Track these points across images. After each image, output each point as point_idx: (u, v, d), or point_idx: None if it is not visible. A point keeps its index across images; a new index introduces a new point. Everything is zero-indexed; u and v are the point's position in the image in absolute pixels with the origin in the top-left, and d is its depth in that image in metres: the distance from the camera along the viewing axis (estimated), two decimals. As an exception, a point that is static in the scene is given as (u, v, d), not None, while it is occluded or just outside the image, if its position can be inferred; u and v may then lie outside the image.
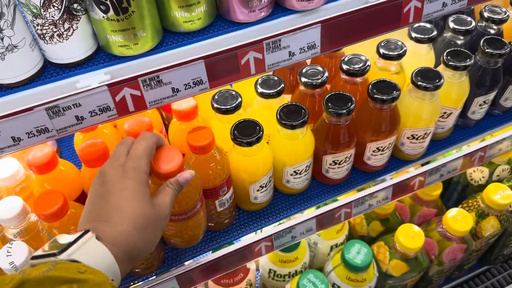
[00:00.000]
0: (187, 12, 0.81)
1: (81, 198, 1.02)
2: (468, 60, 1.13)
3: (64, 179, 0.95)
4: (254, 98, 1.20)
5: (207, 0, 0.82)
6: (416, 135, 1.18)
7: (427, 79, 1.09)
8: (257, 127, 1.01)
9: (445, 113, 1.23)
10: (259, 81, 1.14)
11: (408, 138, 1.20)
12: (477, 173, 1.81)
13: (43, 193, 0.86)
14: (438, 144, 1.36)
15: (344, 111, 1.02)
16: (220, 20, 0.89)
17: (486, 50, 1.17)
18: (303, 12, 0.90)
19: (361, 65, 1.13)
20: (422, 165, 1.32)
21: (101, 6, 0.72)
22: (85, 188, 0.99)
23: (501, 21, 1.26)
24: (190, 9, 0.81)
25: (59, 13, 0.71)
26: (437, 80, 1.08)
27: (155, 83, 0.80)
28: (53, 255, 0.64)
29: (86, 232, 0.67)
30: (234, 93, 1.10)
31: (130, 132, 0.99)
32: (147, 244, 0.74)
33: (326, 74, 1.13)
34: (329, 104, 1.04)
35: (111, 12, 0.72)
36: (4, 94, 0.76)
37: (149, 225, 0.73)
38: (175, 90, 0.83)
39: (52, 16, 0.71)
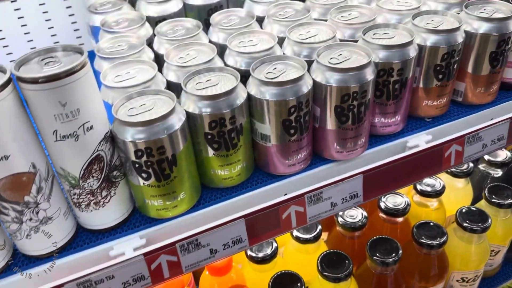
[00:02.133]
0: (227, 170, 0.79)
1: None
2: (511, 197, 1.09)
3: None
4: (288, 237, 1.13)
5: (246, 157, 0.80)
6: (466, 277, 1.09)
7: (473, 221, 1.03)
8: (298, 283, 0.93)
9: (492, 250, 1.15)
10: (293, 223, 1.08)
11: (457, 281, 1.11)
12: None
13: None
14: (486, 281, 1.25)
15: (391, 260, 0.95)
16: (258, 172, 0.86)
17: (530, 185, 1.13)
18: (342, 160, 0.88)
19: (401, 205, 1.08)
20: (473, 307, 1.20)
21: (142, 174, 0.69)
22: None
23: (536, 152, 1.24)
24: (230, 167, 0.79)
25: (98, 182, 0.69)
26: (484, 222, 1.02)
27: (193, 246, 0.74)
28: None
29: None
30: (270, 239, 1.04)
31: (160, 290, 0.92)
32: None
33: (365, 214, 1.08)
34: (374, 252, 0.97)
35: (153, 179, 0.70)
36: (34, 265, 0.71)
37: None
38: (213, 251, 0.77)
39: (90, 186, 0.68)
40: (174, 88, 0.80)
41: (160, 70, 0.82)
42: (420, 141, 0.92)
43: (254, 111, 0.77)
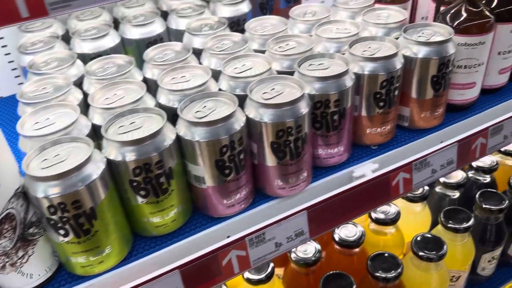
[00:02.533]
0: (159, 217, 0.74)
1: None
2: (467, 221, 1.06)
3: None
4: (241, 278, 1.08)
5: (181, 201, 0.75)
6: (428, 307, 1.06)
7: (428, 249, 1.00)
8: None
9: (453, 276, 1.12)
10: (247, 261, 1.03)
11: (419, 311, 1.07)
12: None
13: None
14: (451, 306, 1.22)
15: (345, 298, 0.91)
16: (197, 215, 0.81)
17: (484, 206, 1.11)
18: (286, 196, 0.84)
19: (355, 236, 1.04)
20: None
21: (59, 231, 0.63)
22: None
23: (491, 170, 1.23)
24: (163, 213, 0.74)
25: (11, 242, 0.63)
26: (439, 249, 0.99)
27: (124, 305, 0.69)
28: None
29: None
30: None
31: None
32: None
33: (319, 248, 1.04)
34: (328, 290, 0.93)
35: (71, 235, 0.64)
36: None
37: None
38: (148, 308, 0.71)
39: (3, 247, 0.62)
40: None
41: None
42: (366, 170, 0.89)
43: (185, 153, 0.73)
